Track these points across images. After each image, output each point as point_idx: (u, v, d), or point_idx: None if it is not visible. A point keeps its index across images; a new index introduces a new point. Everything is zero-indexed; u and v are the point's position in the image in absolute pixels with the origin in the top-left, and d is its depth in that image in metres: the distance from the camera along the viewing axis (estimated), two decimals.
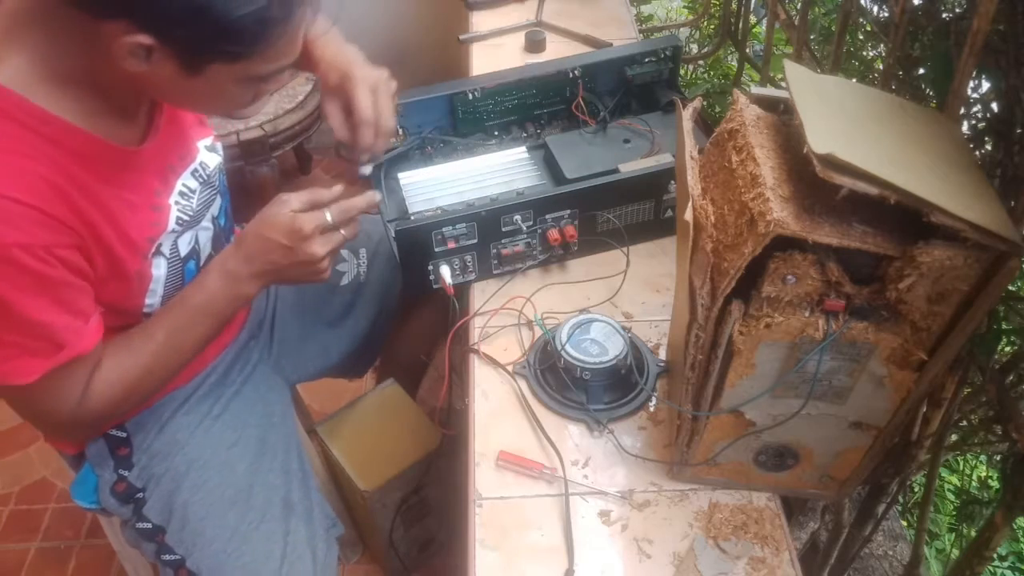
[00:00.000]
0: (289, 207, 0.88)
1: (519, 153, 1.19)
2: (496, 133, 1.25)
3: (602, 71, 1.24)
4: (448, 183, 1.14)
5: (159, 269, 0.90)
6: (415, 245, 1.01)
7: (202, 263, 0.97)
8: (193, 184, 0.94)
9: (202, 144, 0.97)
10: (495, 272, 1.08)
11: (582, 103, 1.22)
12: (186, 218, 0.92)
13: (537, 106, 1.25)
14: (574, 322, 0.96)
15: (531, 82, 1.22)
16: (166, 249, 0.90)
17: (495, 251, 1.06)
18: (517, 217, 1.02)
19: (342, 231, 0.91)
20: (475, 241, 1.03)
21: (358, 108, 0.97)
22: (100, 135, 0.78)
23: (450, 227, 1.00)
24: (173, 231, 0.90)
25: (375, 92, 0.98)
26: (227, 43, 0.71)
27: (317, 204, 0.90)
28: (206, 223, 0.97)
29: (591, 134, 1.19)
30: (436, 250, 1.02)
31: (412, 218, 1.08)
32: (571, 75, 1.22)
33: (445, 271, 1.03)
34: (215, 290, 0.91)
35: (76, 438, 1.02)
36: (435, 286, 1.05)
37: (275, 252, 0.88)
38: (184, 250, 0.93)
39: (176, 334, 0.91)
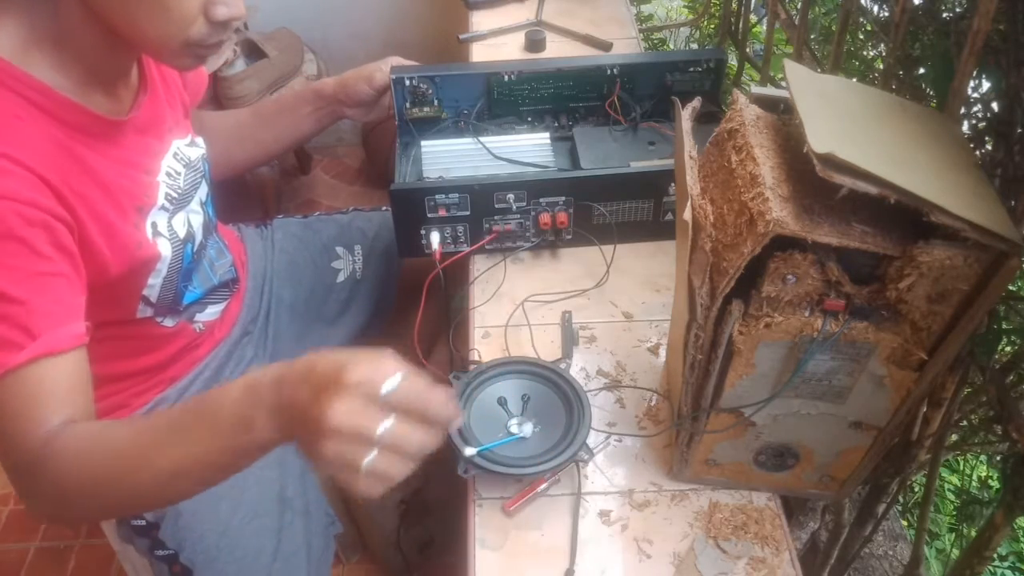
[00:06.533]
0: (365, 358, 0.59)
1: (541, 139, 1.20)
2: (529, 119, 1.26)
3: (642, 73, 1.23)
4: (465, 156, 1.17)
5: (165, 249, 0.91)
6: (408, 206, 1.04)
7: (196, 249, 0.98)
8: (177, 167, 0.95)
9: (179, 142, 0.98)
10: (487, 248, 1.10)
11: (616, 101, 1.22)
12: (175, 195, 0.93)
13: (572, 98, 1.25)
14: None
15: (569, 73, 1.22)
16: (164, 230, 0.91)
17: (487, 226, 1.08)
18: (510, 196, 1.05)
19: (393, 422, 0.59)
20: (468, 213, 1.06)
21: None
22: (87, 105, 0.79)
23: (442, 195, 1.03)
24: (163, 208, 0.91)
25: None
26: None
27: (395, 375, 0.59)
28: (195, 206, 0.98)
29: (620, 132, 1.20)
30: (428, 216, 1.05)
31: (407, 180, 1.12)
32: (609, 72, 1.22)
33: (435, 237, 1.06)
34: (233, 397, 0.65)
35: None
36: (427, 251, 1.08)
37: (301, 389, 0.61)
38: (181, 232, 0.95)
39: (172, 433, 0.69)
